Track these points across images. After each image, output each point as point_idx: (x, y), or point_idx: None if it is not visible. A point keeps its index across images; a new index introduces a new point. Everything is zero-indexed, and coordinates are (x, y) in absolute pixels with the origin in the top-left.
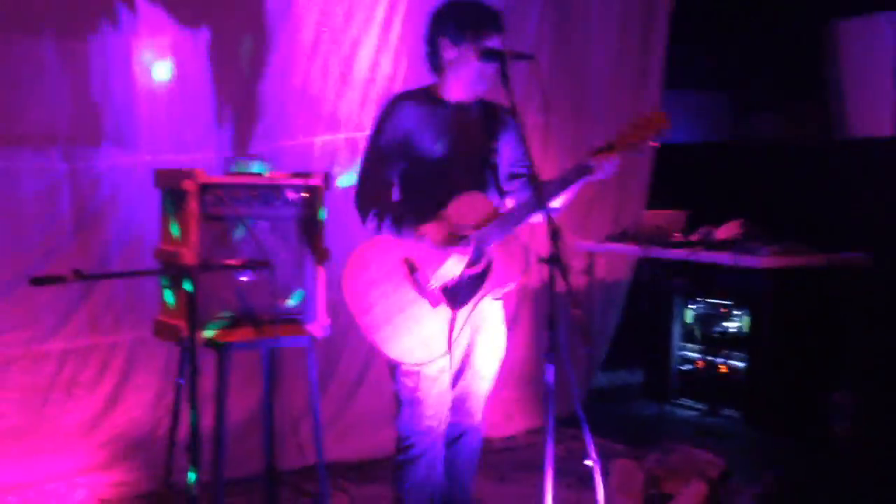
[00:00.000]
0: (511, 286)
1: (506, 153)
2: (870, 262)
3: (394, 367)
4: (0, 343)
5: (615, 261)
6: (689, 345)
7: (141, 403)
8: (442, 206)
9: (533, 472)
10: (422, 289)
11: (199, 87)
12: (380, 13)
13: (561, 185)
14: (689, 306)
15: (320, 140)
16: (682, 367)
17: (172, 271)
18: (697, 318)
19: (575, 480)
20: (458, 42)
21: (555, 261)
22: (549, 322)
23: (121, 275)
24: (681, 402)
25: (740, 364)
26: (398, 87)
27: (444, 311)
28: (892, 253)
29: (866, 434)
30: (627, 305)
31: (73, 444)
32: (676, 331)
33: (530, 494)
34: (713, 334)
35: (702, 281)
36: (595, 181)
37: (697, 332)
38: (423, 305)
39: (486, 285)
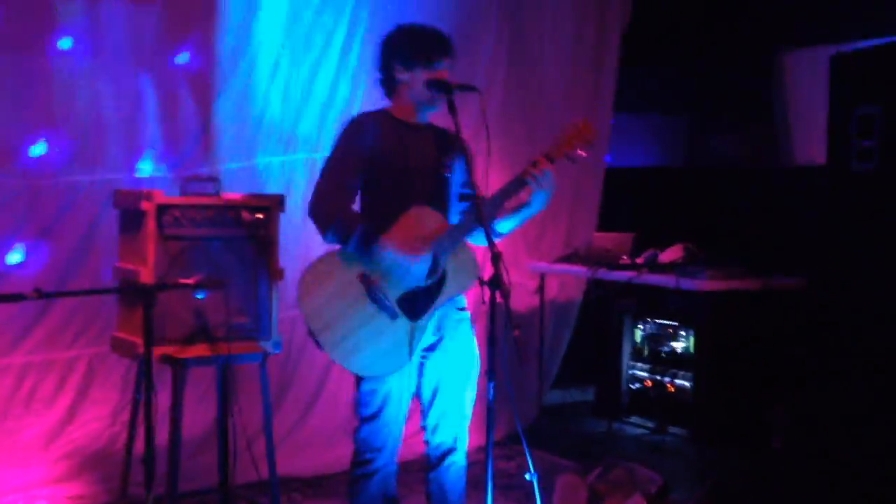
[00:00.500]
0: (463, 296)
1: (457, 175)
2: (804, 286)
3: (357, 384)
4: None
5: (567, 281)
6: (639, 364)
7: (99, 417)
8: (394, 218)
9: (478, 489)
10: (380, 302)
11: (160, 108)
12: (339, 37)
13: (501, 197)
14: (639, 326)
15: (279, 160)
16: (631, 386)
17: (130, 290)
18: (646, 337)
19: (523, 495)
20: (409, 67)
21: (496, 284)
22: (489, 342)
23: (80, 293)
24: (631, 420)
25: (686, 383)
26: (356, 109)
27: (402, 322)
28: (825, 277)
29: (799, 446)
30: (580, 324)
31: (31, 457)
32: (626, 350)
33: None
34: (661, 354)
35: (649, 302)
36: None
37: (646, 352)
38: (383, 318)
39: (442, 296)
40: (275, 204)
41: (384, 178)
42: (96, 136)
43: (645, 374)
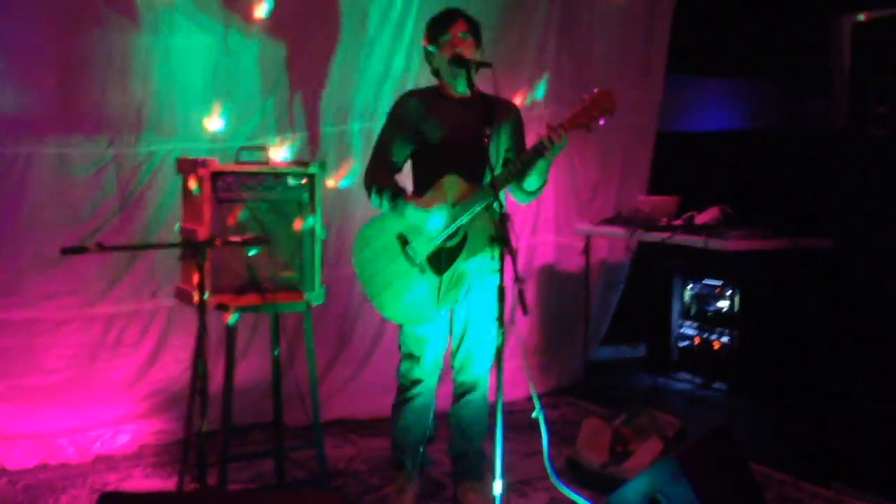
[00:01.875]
0: (488, 255)
1: (503, 141)
2: (830, 245)
3: (400, 325)
4: (56, 306)
5: (616, 243)
6: (687, 322)
7: (177, 361)
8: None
9: (525, 432)
10: (411, 259)
11: (228, 83)
12: (394, 13)
13: (520, 164)
14: (687, 286)
15: (338, 129)
16: (680, 343)
17: (183, 245)
18: (694, 297)
19: (559, 440)
20: (434, 46)
21: (504, 241)
22: (498, 293)
23: (138, 247)
24: (679, 376)
25: (730, 340)
26: (410, 81)
27: (430, 277)
28: (850, 237)
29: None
30: (632, 284)
31: (118, 396)
32: (675, 309)
33: (515, 450)
34: (707, 312)
35: (697, 262)
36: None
37: (694, 310)
38: (414, 273)
39: (463, 254)
40: (317, 170)
41: (427, 149)
42: (174, 108)
43: (692, 332)
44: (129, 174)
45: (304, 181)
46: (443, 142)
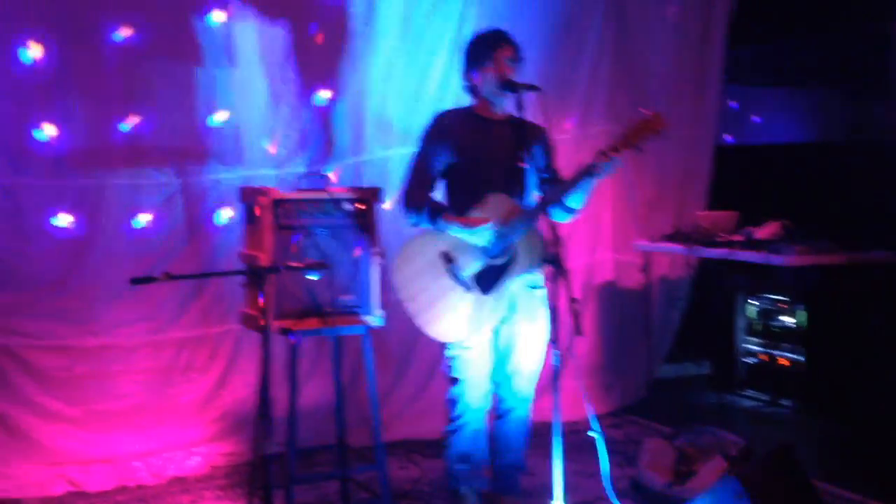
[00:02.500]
0: (538, 275)
1: (537, 162)
2: (893, 260)
3: (445, 350)
4: (128, 333)
5: (677, 259)
6: (752, 338)
7: (245, 385)
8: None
9: (588, 452)
10: (456, 277)
11: (289, 110)
12: (448, 36)
13: (571, 184)
14: (751, 302)
15: (395, 153)
16: (746, 360)
17: (246, 272)
18: (759, 313)
19: (623, 460)
20: (475, 69)
21: (555, 262)
22: (551, 314)
23: (203, 275)
24: (746, 394)
25: (799, 357)
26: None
27: (476, 295)
28: None
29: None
30: (695, 300)
31: (189, 419)
32: (740, 325)
33: (580, 471)
34: (773, 328)
35: (761, 278)
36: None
37: (759, 327)
38: (459, 291)
39: (511, 273)
40: (373, 195)
41: (464, 169)
42: (236, 138)
43: (758, 349)
44: (196, 203)
45: (361, 206)
46: (478, 161)
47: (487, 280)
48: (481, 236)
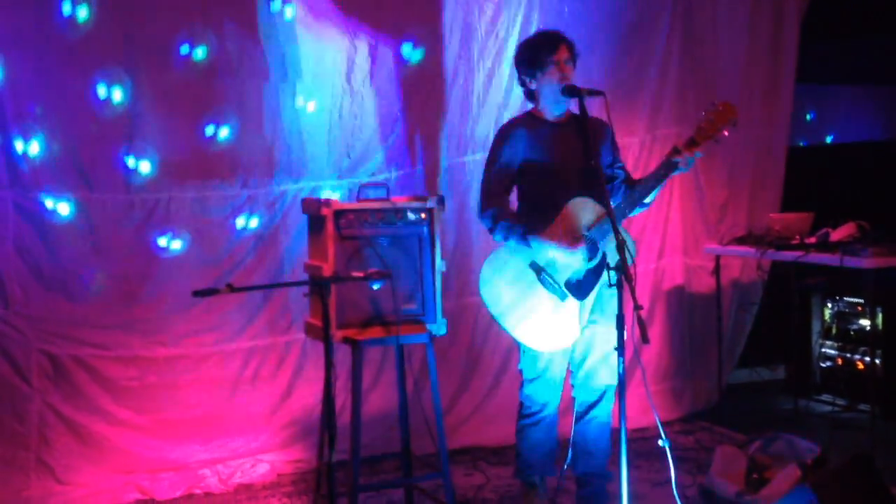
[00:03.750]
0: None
1: (605, 159)
2: None
3: (520, 347)
4: (196, 343)
5: (750, 262)
6: (829, 342)
7: (312, 393)
8: (556, 210)
9: (657, 460)
10: (549, 286)
11: (351, 122)
12: (512, 42)
13: (654, 181)
14: (827, 305)
15: (460, 161)
16: (822, 364)
17: (308, 283)
18: (835, 315)
19: (693, 467)
20: (531, 74)
21: (620, 269)
22: (617, 321)
23: (265, 286)
24: (822, 398)
25: (876, 360)
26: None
27: (571, 303)
28: None
29: None
30: (770, 304)
31: (256, 427)
32: (815, 328)
33: (646, 479)
34: (850, 332)
35: (838, 280)
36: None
37: (835, 330)
38: (554, 300)
39: (604, 275)
40: (436, 204)
41: (537, 175)
42: (302, 150)
43: (835, 352)
44: (262, 214)
45: (423, 216)
46: (551, 166)
47: (581, 285)
48: (579, 255)
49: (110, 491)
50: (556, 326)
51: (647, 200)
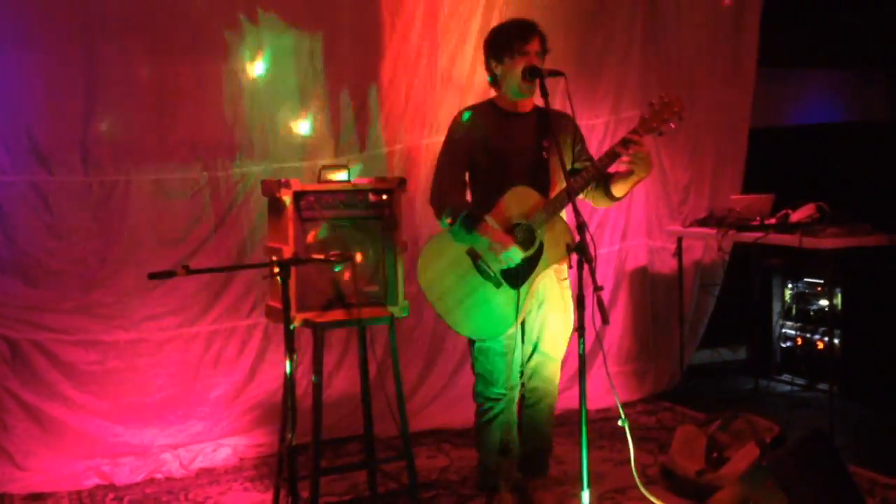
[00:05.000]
0: (563, 265)
1: (567, 152)
2: None
3: (471, 344)
4: (158, 327)
5: (711, 244)
6: (789, 322)
7: (275, 377)
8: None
9: (619, 440)
10: (485, 274)
11: (315, 102)
12: (474, 24)
13: (595, 170)
14: (788, 286)
15: (424, 143)
16: (782, 344)
17: (268, 265)
18: (795, 296)
19: (655, 447)
20: (499, 60)
21: (580, 249)
22: (578, 302)
23: (223, 269)
24: (782, 378)
25: (835, 340)
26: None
27: (506, 291)
28: None
29: None
30: (731, 285)
31: (218, 411)
32: (776, 309)
33: (608, 458)
34: (810, 312)
35: (798, 262)
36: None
37: (795, 311)
38: (489, 287)
39: (540, 265)
40: (397, 186)
41: (487, 163)
42: (263, 131)
43: (795, 333)
44: (223, 197)
45: (384, 197)
46: (502, 155)
47: (517, 274)
48: (511, 256)
49: (70, 476)
50: (489, 315)
51: (617, 195)
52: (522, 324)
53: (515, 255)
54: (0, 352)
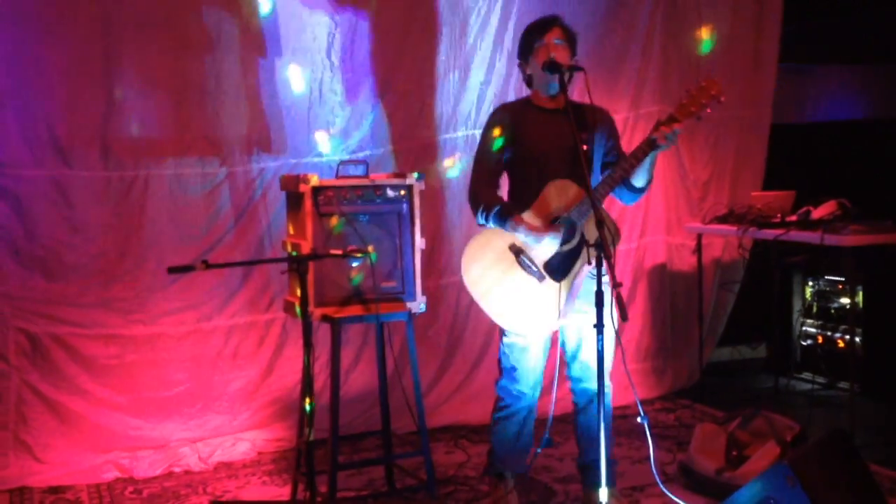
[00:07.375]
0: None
1: (600, 146)
2: None
3: (501, 339)
4: (176, 321)
5: (731, 241)
6: (809, 320)
7: (293, 372)
8: (538, 195)
9: (637, 437)
10: (528, 268)
11: (331, 99)
12: (493, 19)
13: (633, 160)
14: (808, 283)
15: (442, 138)
16: (802, 342)
17: (284, 260)
18: (816, 294)
19: (674, 444)
20: (526, 59)
21: (598, 246)
22: (596, 299)
23: (241, 263)
24: (801, 376)
25: (856, 339)
26: (512, 87)
27: (550, 284)
28: None
29: None
30: (751, 282)
31: (237, 405)
32: (796, 307)
33: (627, 456)
34: (831, 310)
35: (819, 259)
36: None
37: (816, 308)
38: (532, 282)
39: (581, 258)
40: (415, 181)
41: (523, 159)
42: (281, 127)
43: (815, 331)
44: (241, 192)
45: (402, 193)
46: (538, 153)
47: (559, 267)
48: (553, 237)
49: (89, 469)
50: (535, 310)
51: (638, 185)
52: (565, 328)
53: (551, 246)
54: (20, 345)
